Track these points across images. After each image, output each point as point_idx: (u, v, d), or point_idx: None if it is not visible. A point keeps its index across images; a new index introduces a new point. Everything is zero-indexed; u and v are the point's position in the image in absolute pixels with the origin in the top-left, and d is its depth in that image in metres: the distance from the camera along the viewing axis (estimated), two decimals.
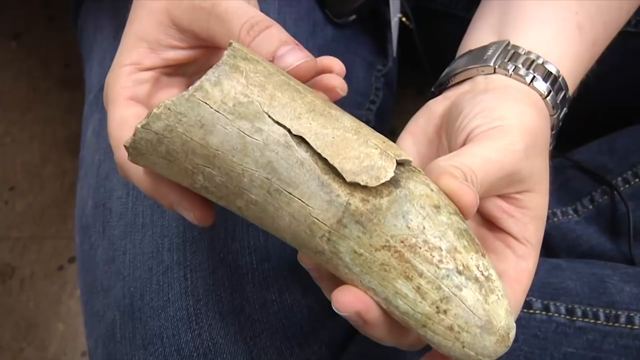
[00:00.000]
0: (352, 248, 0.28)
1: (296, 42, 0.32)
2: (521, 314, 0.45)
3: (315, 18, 0.55)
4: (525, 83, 0.37)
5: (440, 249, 0.27)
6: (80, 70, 0.65)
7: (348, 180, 0.27)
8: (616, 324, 0.44)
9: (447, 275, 0.27)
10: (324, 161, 0.27)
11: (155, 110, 0.28)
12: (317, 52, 0.54)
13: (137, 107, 0.34)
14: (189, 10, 0.33)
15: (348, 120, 0.29)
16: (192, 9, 0.32)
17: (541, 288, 0.46)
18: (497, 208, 0.34)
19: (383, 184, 0.27)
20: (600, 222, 0.55)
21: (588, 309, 0.45)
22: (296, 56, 0.31)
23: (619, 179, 0.54)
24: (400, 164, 0.28)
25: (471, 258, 0.27)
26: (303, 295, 0.44)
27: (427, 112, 0.39)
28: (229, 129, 0.27)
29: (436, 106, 0.38)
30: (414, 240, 0.27)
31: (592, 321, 0.44)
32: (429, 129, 0.38)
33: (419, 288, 0.27)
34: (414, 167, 0.29)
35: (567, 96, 0.38)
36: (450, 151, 0.35)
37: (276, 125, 0.27)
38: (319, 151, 0.27)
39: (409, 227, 0.27)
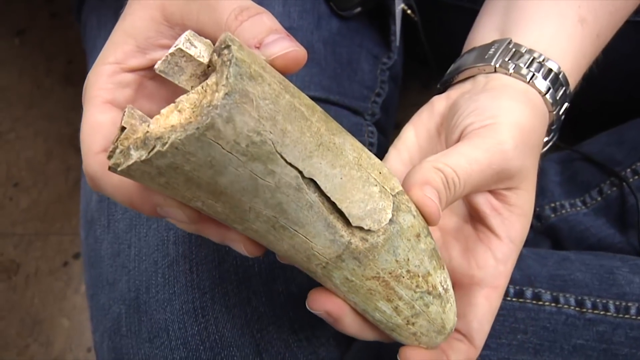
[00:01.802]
0: (344, 276, 0.30)
1: (287, 32, 0.30)
2: (530, 305, 0.45)
3: (320, 10, 0.55)
4: (525, 81, 0.37)
5: (418, 275, 0.31)
6: (84, 66, 0.64)
7: (354, 224, 0.29)
8: (626, 316, 0.44)
9: (421, 297, 0.32)
10: (331, 202, 0.28)
11: (159, 148, 0.25)
12: (322, 44, 0.54)
13: (113, 112, 0.32)
14: (182, 3, 0.31)
15: (350, 150, 0.29)
16: (186, 2, 0.31)
17: (550, 280, 0.46)
18: (487, 204, 0.35)
19: None
20: (609, 214, 0.54)
21: (598, 300, 0.44)
22: (284, 45, 0.28)
23: (628, 170, 0.54)
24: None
25: (437, 276, 0.32)
26: (310, 287, 0.44)
27: (430, 108, 0.40)
28: (241, 171, 0.26)
29: (439, 103, 0.40)
30: (399, 271, 0.31)
31: (602, 313, 0.44)
32: (430, 125, 0.39)
33: (396, 308, 0.31)
34: (400, 189, 0.31)
35: (567, 92, 0.39)
36: (447, 147, 0.36)
37: (289, 167, 0.26)
38: (328, 194, 0.28)
39: (397, 261, 0.30)
